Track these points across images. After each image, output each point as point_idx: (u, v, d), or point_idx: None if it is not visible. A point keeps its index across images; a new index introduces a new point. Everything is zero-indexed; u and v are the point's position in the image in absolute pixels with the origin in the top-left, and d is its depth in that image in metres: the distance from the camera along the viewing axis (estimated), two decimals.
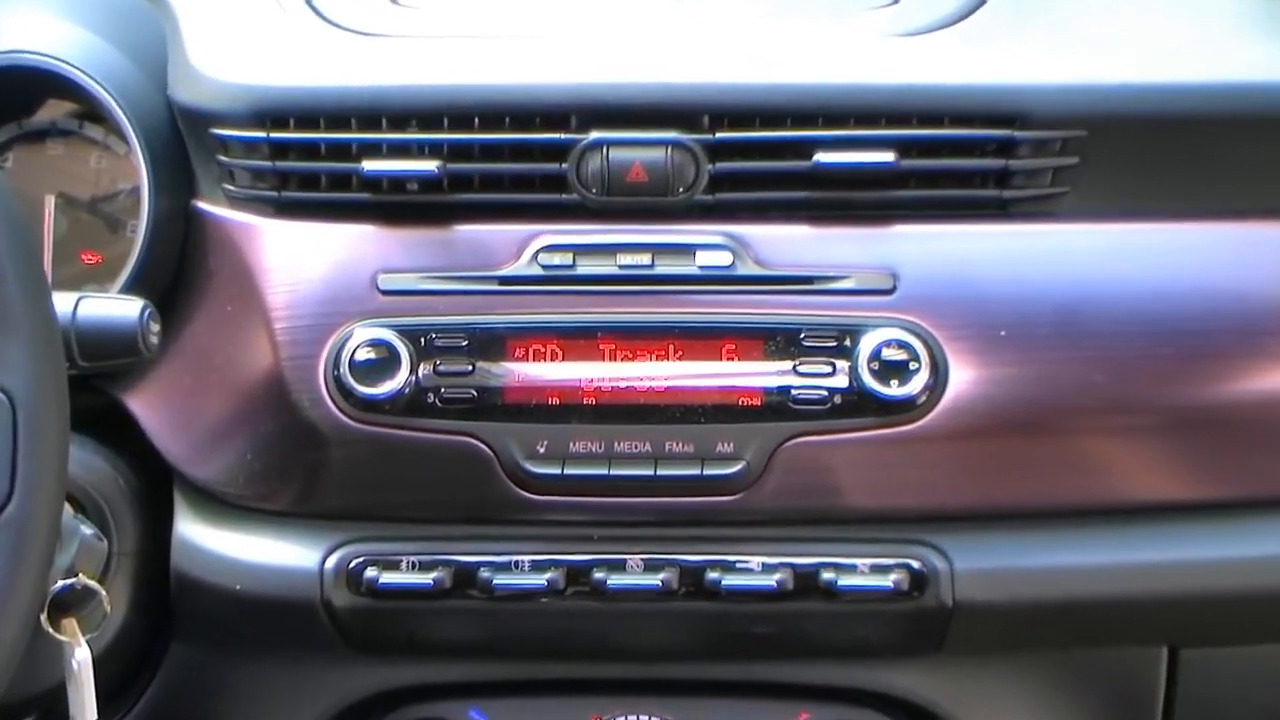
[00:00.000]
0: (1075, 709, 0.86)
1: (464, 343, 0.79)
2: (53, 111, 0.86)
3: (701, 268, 0.80)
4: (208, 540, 0.85)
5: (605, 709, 0.89)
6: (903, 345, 0.79)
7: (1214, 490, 0.81)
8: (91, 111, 0.82)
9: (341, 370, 0.79)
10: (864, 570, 0.81)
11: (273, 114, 0.79)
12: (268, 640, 0.86)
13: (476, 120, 0.78)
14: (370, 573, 0.81)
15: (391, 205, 0.81)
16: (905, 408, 0.79)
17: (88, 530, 0.84)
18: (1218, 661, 0.84)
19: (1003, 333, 0.79)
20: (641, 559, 0.82)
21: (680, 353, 0.79)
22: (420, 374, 0.79)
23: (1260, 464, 0.80)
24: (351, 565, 0.82)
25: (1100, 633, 0.83)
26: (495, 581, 0.81)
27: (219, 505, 0.83)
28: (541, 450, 0.78)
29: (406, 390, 0.79)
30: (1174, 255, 0.81)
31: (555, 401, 0.78)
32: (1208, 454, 0.80)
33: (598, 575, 0.80)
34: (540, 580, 0.81)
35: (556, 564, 0.81)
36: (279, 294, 0.81)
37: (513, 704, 0.89)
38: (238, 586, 0.83)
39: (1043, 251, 0.81)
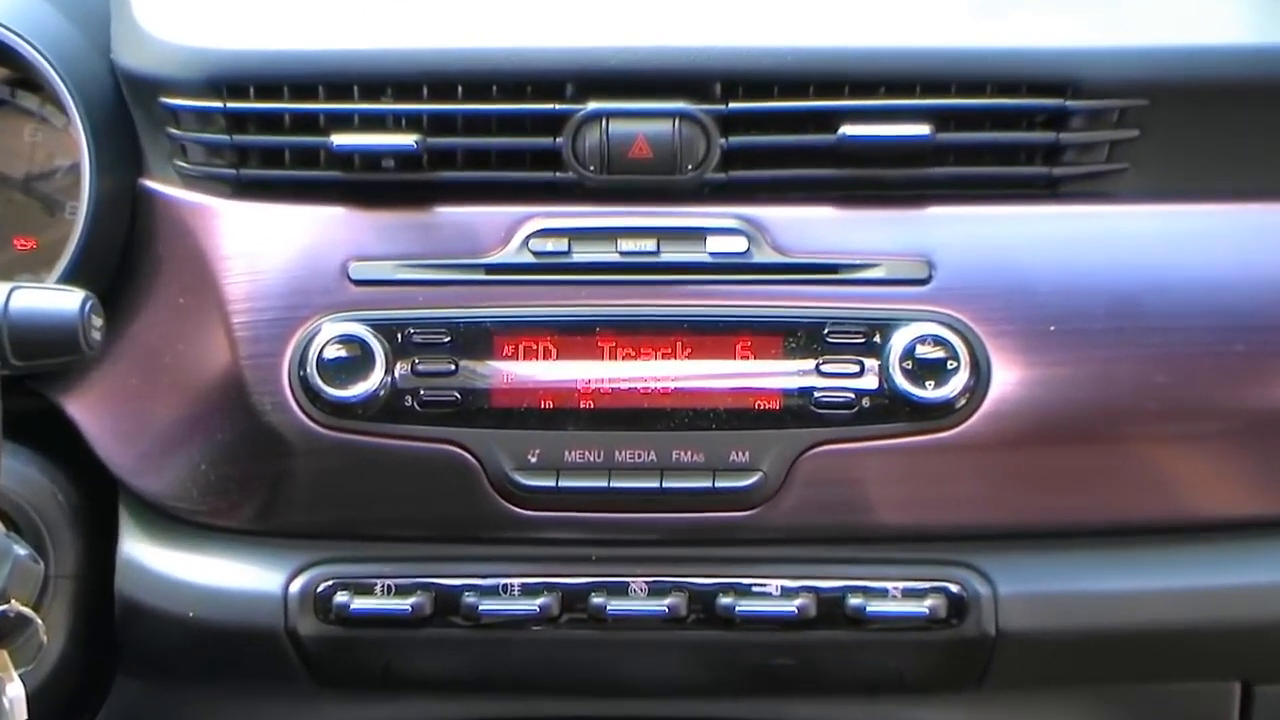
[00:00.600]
0: None
1: (446, 339, 0.75)
2: None
3: (713, 254, 0.76)
4: (157, 561, 0.80)
5: None
6: (940, 342, 0.75)
7: None
8: (26, 78, 0.79)
9: (308, 370, 0.75)
10: (896, 594, 0.77)
11: (230, 81, 0.75)
12: (225, 674, 0.83)
13: (460, 89, 0.75)
14: (341, 597, 0.77)
15: (364, 185, 0.77)
16: (942, 412, 0.74)
17: (22, 551, 0.78)
18: None
19: (1052, 327, 0.75)
20: (646, 582, 0.78)
21: (689, 350, 0.75)
22: (396, 374, 0.75)
23: None
24: (320, 589, 0.77)
25: (1162, 666, 0.79)
26: (481, 607, 0.77)
27: (170, 522, 0.79)
28: (533, 460, 0.75)
29: (381, 392, 0.76)
30: (1244, 239, 0.76)
31: (549, 405, 0.75)
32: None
33: (596, 600, 0.77)
34: (532, 606, 0.77)
35: (550, 587, 0.77)
36: (238, 284, 0.76)
37: None
38: (191, 613, 0.79)
39: (1097, 236, 0.77)
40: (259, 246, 0.76)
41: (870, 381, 0.74)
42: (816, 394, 0.73)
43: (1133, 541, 0.76)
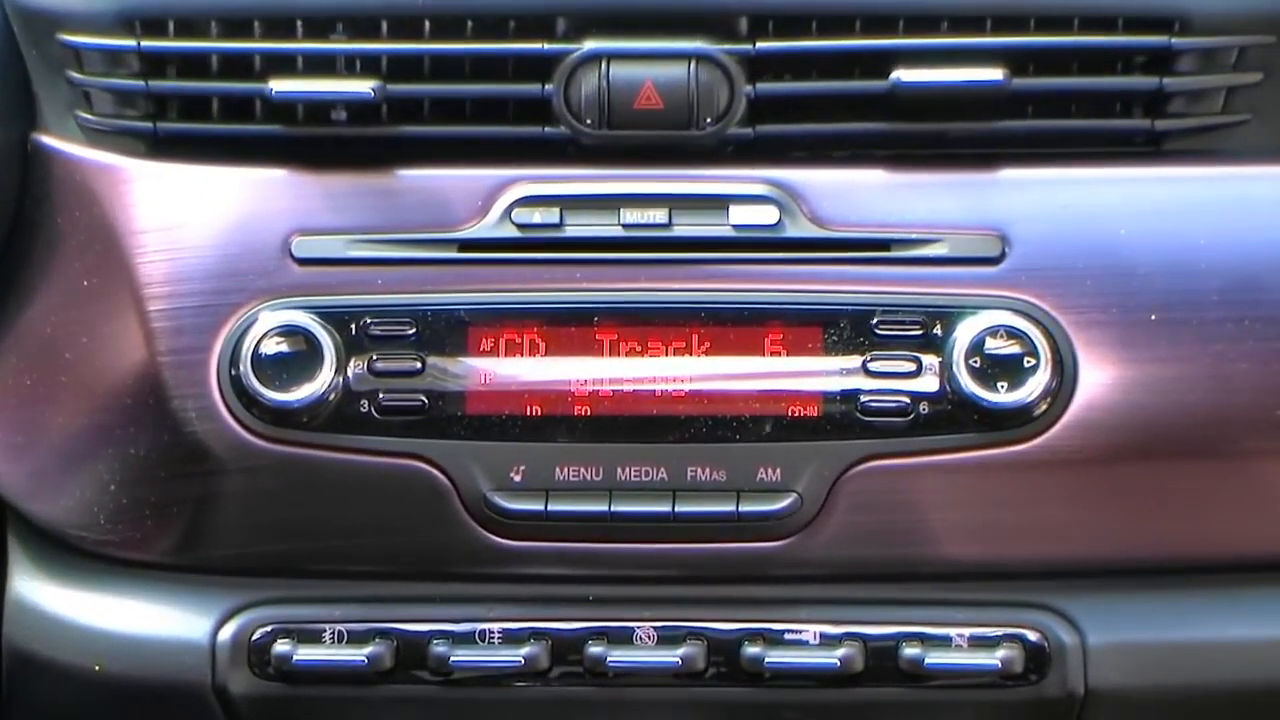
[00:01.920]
0: None
1: (410, 330, 0.72)
2: None
3: (736, 227, 0.72)
4: (55, 603, 0.76)
5: None
6: (1015, 334, 0.70)
7: None
8: None
9: (242, 368, 0.71)
10: (961, 643, 0.73)
11: (144, 14, 0.72)
12: None
13: (427, 23, 0.72)
14: (281, 646, 0.73)
15: (310, 142, 0.73)
16: (1018, 420, 0.70)
17: None
18: None
19: (1153, 316, 0.71)
20: (655, 628, 0.74)
21: (707, 345, 0.72)
22: (351, 373, 0.71)
23: None
24: (255, 636, 0.74)
25: None
26: (454, 658, 0.74)
27: (71, 555, 0.77)
28: (517, 478, 0.71)
29: (331, 396, 0.71)
30: None
31: (536, 411, 0.72)
32: None
33: (595, 649, 0.74)
34: (516, 656, 0.73)
35: (538, 634, 0.74)
36: (155, 263, 0.72)
37: None
38: (97, 667, 0.76)
39: (1211, 203, 0.73)
40: (181, 217, 0.73)
41: (930, 383, 0.71)
42: (863, 398, 0.71)
43: (1250, 580, 0.74)
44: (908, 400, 0.69)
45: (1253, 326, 0.72)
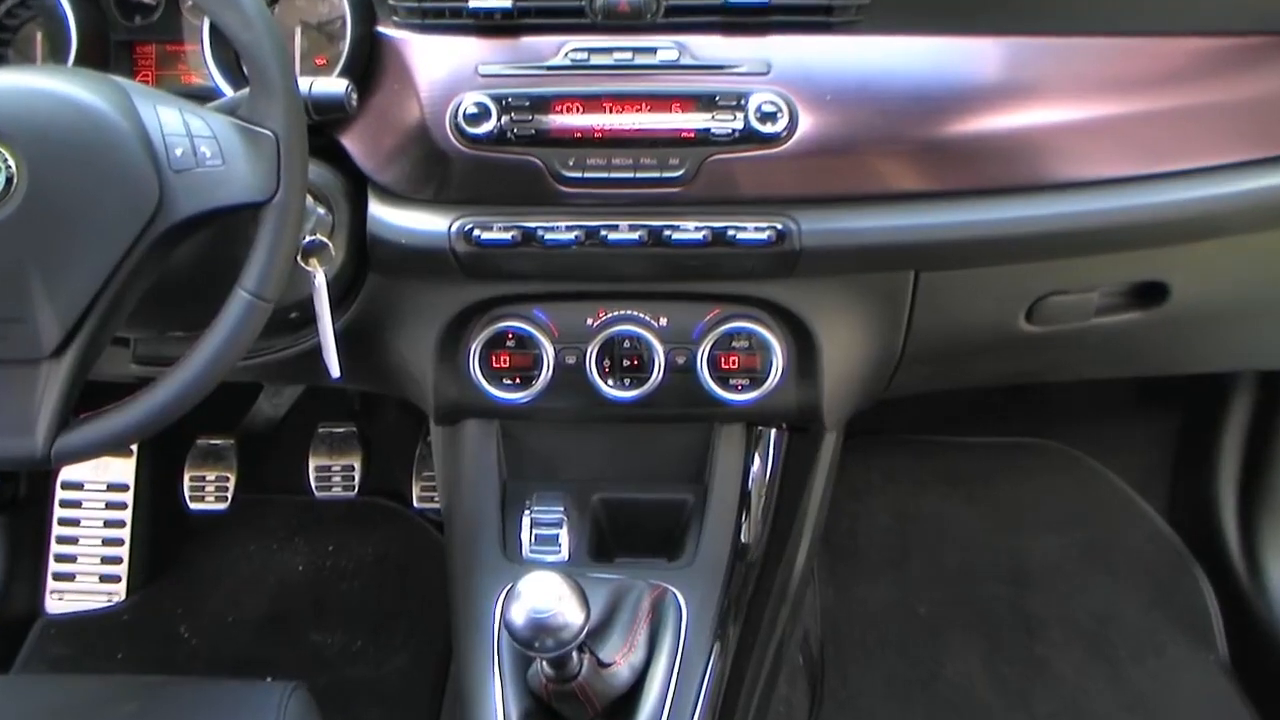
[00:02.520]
0: (863, 302, 1.68)
1: (527, 103, 1.44)
2: None
3: (660, 60, 1.44)
4: (387, 216, 1.62)
5: (607, 307, 1.68)
6: (774, 103, 1.54)
7: (948, 183, 1.56)
8: None
9: (458, 119, 1.55)
10: (751, 230, 1.48)
11: None
12: (421, 271, 1.64)
13: None
14: (476, 233, 1.59)
15: (486, 25, 1.55)
16: (775, 140, 1.55)
17: (321, 210, 1.60)
18: (940, 279, 1.65)
19: (828, 97, 1.56)
20: (628, 224, 1.48)
21: (650, 108, 1.43)
22: (502, 121, 1.53)
23: (966, 171, 1.56)
24: (466, 229, 1.58)
25: (878, 263, 1.66)
26: (545, 238, 1.49)
27: (393, 196, 1.59)
28: (571, 164, 1.49)
29: (495, 131, 1.45)
30: (933, 60, 1.53)
31: (578, 136, 1.45)
32: (940, 164, 1.58)
33: (603, 234, 1.49)
34: (571, 237, 1.50)
35: (580, 228, 1.49)
36: (423, 78, 1.59)
37: (556, 305, 1.69)
38: (404, 241, 1.54)
39: (854, 51, 1.45)
40: (432, 59, 1.48)
41: (740, 124, 1.43)
42: (712, 130, 1.43)
43: (869, 202, 1.51)
44: (731, 131, 1.42)
45: (866, 101, 1.42)
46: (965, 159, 1.49)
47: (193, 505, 2.41)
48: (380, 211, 1.54)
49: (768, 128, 1.44)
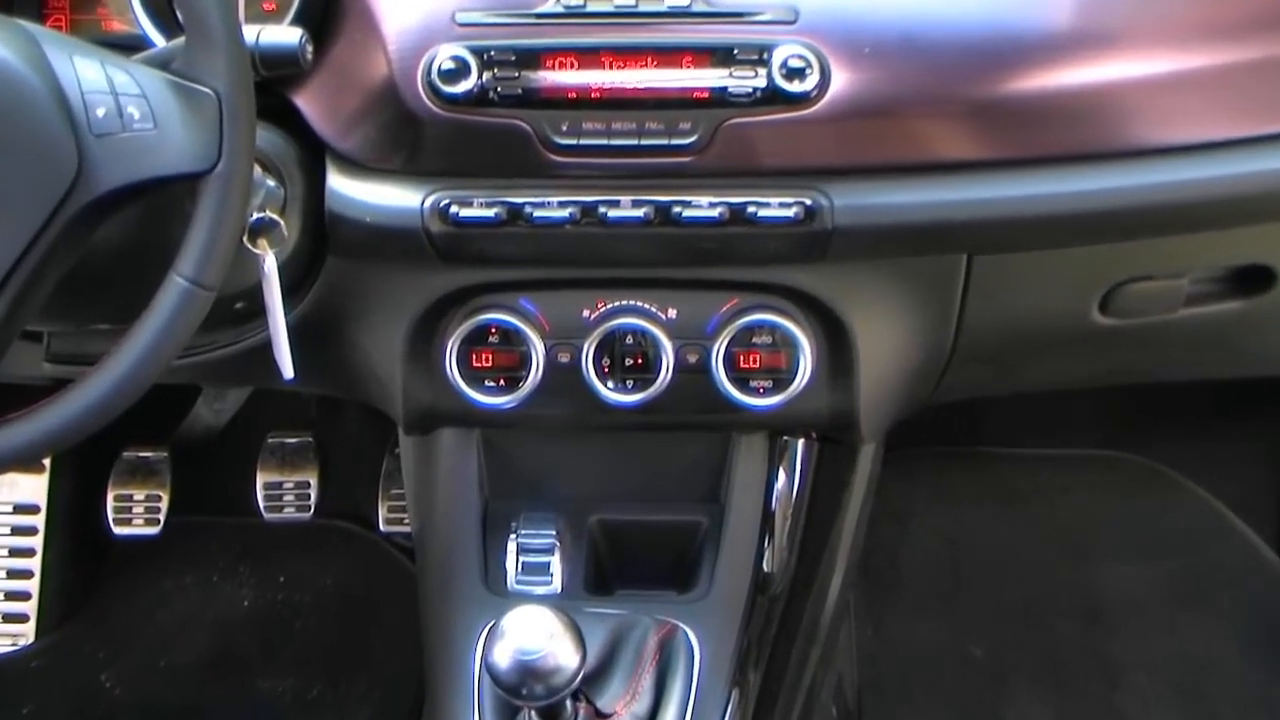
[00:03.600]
0: (906, 290, 1.69)
1: (513, 58, 1.45)
2: None
3: (669, 7, 1.47)
4: (349, 189, 1.65)
5: (607, 297, 1.70)
6: (802, 57, 1.55)
7: (1008, 150, 1.57)
8: None
9: (432, 76, 1.55)
10: (775, 206, 1.50)
11: None
12: (388, 254, 1.68)
13: None
14: (453, 209, 1.61)
15: None
16: (803, 100, 1.55)
17: (271, 183, 1.61)
18: (996, 263, 1.67)
19: (866, 50, 1.50)
20: (630, 200, 1.51)
21: (655, 63, 1.45)
22: (484, 79, 1.49)
23: (1027, 137, 1.57)
24: (442, 204, 1.60)
25: (926, 246, 1.68)
26: (535, 215, 1.52)
27: (355, 167, 1.65)
28: (564, 129, 1.50)
29: (475, 90, 1.47)
30: (990, 3, 1.54)
31: (573, 96, 1.47)
32: (995, 128, 1.58)
33: (601, 211, 1.51)
34: (564, 214, 1.52)
35: (575, 204, 1.52)
36: (391, 27, 1.60)
37: (547, 294, 1.72)
38: (368, 219, 1.58)
39: None
40: (401, 3, 1.60)
41: (761, 81, 1.45)
42: (729, 89, 1.45)
43: (913, 174, 1.55)
44: (751, 90, 1.44)
45: (911, 54, 1.44)
46: (1029, 121, 1.49)
47: (117, 529, 2.44)
48: (340, 184, 1.58)
49: (795, 86, 1.46)
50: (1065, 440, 2.60)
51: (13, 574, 2.27)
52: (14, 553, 2.27)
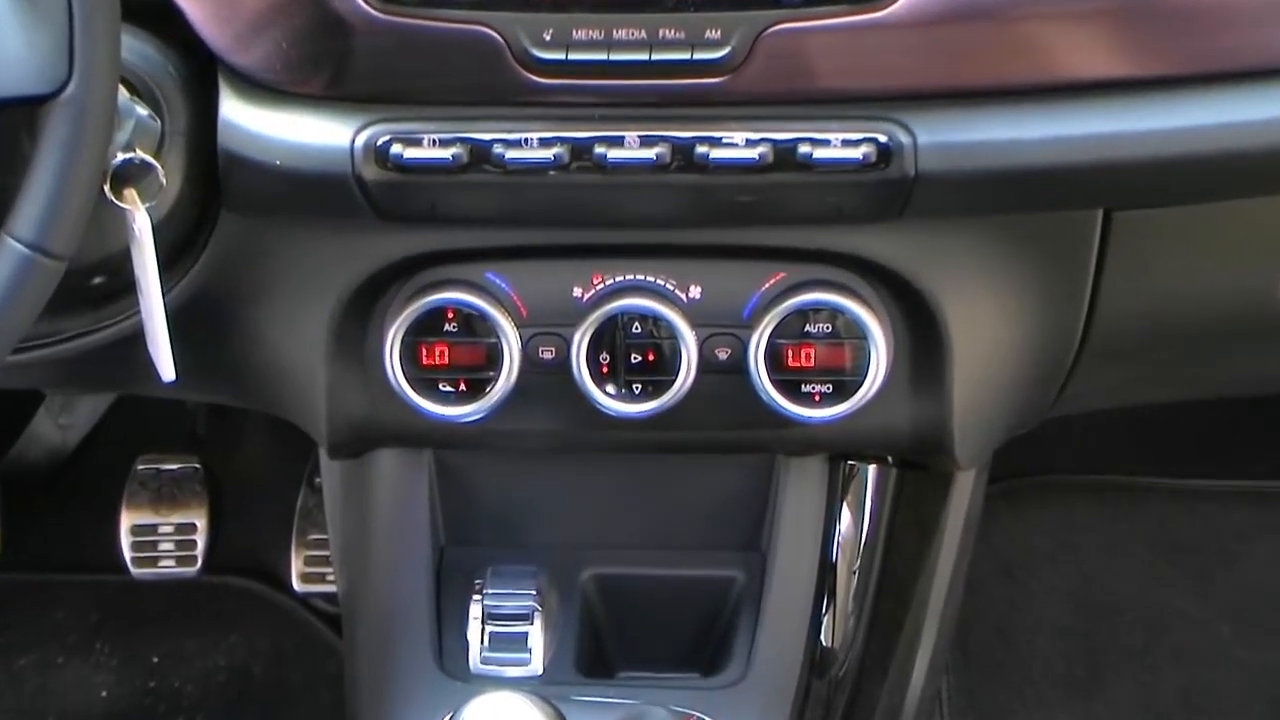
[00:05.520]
0: (1017, 260, 1.70)
1: None
2: None
3: None
4: (250, 121, 1.65)
5: (606, 270, 1.73)
6: None
7: (1162, 64, 1.57)
8: None
9: None
10: (836, 144, 1.52)
11: None
12: (307, 210, 1.66)
13: None
14: (395, 149, 1.60)
15: None
16: (877, 2, 1.54)
17: (142, 111, 1.60)
18: (1146, 222, 1.68)
19: None
20: (638, 136, 1.52)
21: None
22: None
23: (1189, 44, 1.58)
24: (379, 143, 1.56)
25: (1044, 198, 1.69)
26: (507, 157, 1.54)
27: (259, 89, 1.60)
28: (547, 38, 1.49)
29: None
30: None
31: None
32: (1143, 36, 1.59)
33: (599, 151, 1.52)
34: (548, 155, 1.53)
35: (562, 141, 1.54)
36: None
37: (524, 266, 1.75)
38: (278, 162, 1.58)
39: None
40: None
41: None
42: None
43: (1027, 99, 1.55)
44: None
45: None
46: (1190, 23, 1.52)
47: None
48: (239, 114, 1.61)
49: None
50: (1243, 469, 2.64)
51: None
52: None
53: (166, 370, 1.56)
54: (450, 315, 1.67)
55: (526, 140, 1.55)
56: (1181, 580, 2.59)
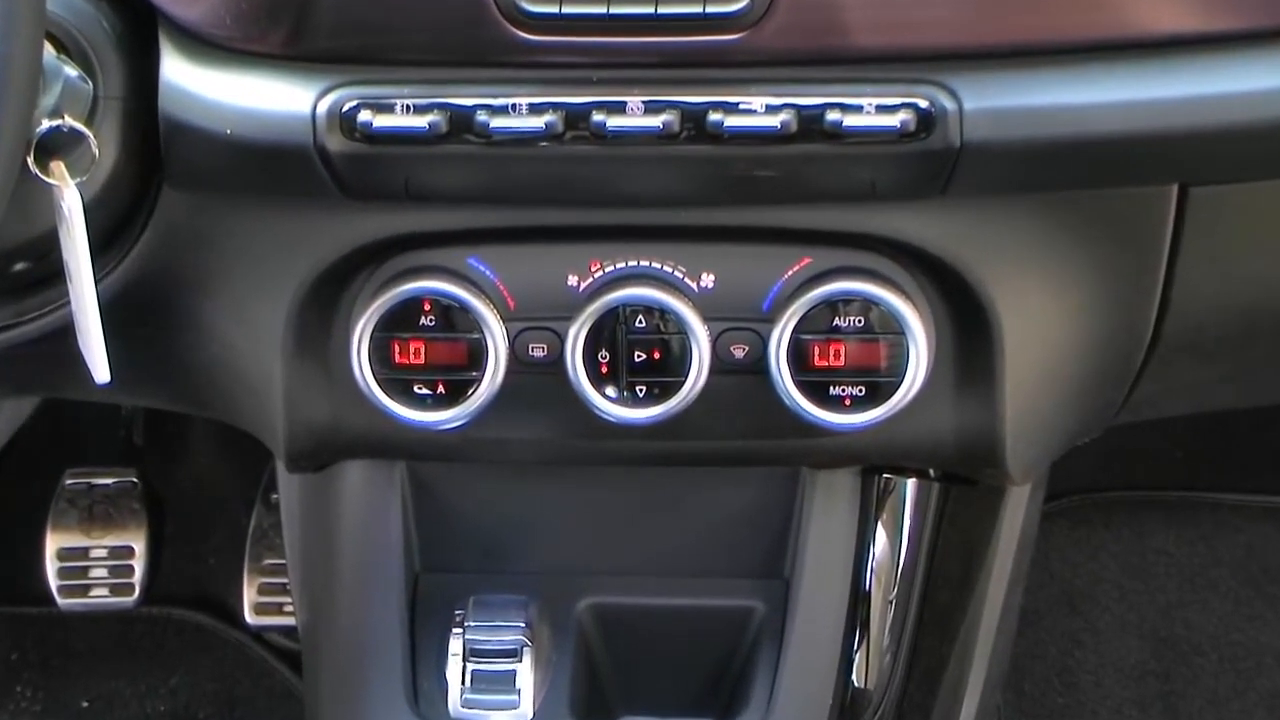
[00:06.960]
0: (1078, 244, 1.72)
1: None
2: None
3: None
4: (195, 84, 1.67)
5: (606, 255, 1.75)
6: None
7: (1226, 21, 1.59)
8: None
9: None
10: (870, 110, 1.53)
11: None
12: (263, 187, 1.71)
13: None
14: (364, 116, 1.61)
15: None
16: None
17: (72, 72, 1.60)
18: (1227, 199, 1.68)
19: None
20: (642, 101, 1.53)
21: None
22: None
23: None
24: (345, 109, 1.58)
25: (1111, 172, 1.71)
26: (492, 125, 1.55)
27: (206, 47, 1.62)
28: None
29: None
30: None
31: None
32: None
33: (597, 118, 1.54)
34: (539, 124, 1.54)
35: (555, 107, 1.54)
36: None
37: (512, 250, 1.77)
38: (228, 131, 1.59)
39: None
40: None
41: None
42: None
43: (1087, 58, 1.57)
44: None
45: None
46: None
47: None
48: (183, 75, 1.62)
49: None
50: None
51: None
52: None
53: (100, 370, 1.57)
54: (427, 307, 1.68)
55: (514, 106, 1.55)
56: (1273, 615, 2.60)
